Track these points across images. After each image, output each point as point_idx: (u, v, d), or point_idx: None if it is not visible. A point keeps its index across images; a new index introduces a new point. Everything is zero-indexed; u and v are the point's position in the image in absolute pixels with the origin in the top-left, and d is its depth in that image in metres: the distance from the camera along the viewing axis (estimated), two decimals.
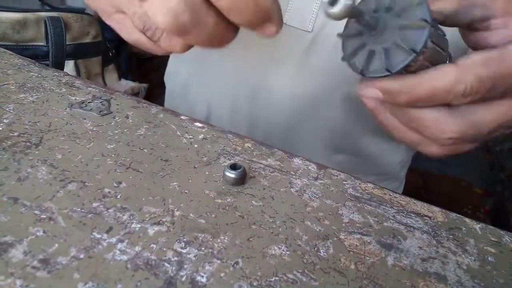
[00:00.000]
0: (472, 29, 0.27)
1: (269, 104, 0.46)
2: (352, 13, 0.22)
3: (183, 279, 0.21)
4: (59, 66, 0.71)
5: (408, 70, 0.24)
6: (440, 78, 0.24)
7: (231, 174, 0.28)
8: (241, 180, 0.29)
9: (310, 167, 0.33)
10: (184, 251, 0.22)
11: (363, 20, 0.23)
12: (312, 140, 0.49)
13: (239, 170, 0.28)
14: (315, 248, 0.24)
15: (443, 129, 0.26)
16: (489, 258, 0.26)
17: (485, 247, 0.27)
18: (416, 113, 0.26)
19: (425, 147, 0.28)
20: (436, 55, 0.24)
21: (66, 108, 0.34)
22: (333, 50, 0.41)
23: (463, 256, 0.26)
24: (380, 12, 0.24)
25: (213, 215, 0.25)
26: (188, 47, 0.26)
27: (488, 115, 0.26)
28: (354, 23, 0.25)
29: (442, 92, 0.24)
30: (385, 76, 0.24)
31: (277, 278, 0.22)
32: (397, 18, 0.23)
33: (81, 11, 0.79)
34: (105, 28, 0.95)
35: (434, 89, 0.24)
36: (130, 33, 0.28)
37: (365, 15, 0.23)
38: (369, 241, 0.26)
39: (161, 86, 0.62)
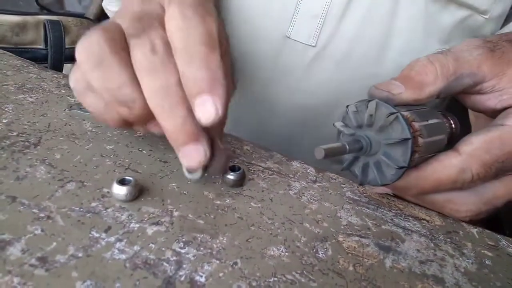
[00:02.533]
0: (467, 93, 0.28)
1: (271, 115, 0.46)
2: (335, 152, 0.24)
3: (182, 278, 0.21)
4: (58, 69, 0.71)
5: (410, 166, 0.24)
6: (444, 171, 0.24)
7: (230, 176, 0.28)
8: (240, 182, 0.29)
9: (308, 170, 0.33)
10: (183, 251, 0.22)
11: (351, 142, 0.25)
12: (312, 151, 0.49)
13: (238, 172, 0.28)
14: (314, 250, 0.24)
15: (457, 209, 0.26)
16: (486, 262, 0.26)
17: (482, 251, 0.27)
18: (428, 198, 0.27)
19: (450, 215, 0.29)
20: (432, 145, 0.25)
21: (65, 109, 0.34)
22: (335, 66, 0.41)
23: (460, 259, 0.26)
24: (363, 128, 0.25)
25: (212, 216, 0.25)
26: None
27: (501, 190, 0.26)
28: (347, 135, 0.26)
29: (448, 183, 0.25)
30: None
31: (275, 278, 0.22)
32: (381, 134, 0.24)
33: (80, 15, 0.80)
34: None
35: (439, 181, 0.25)
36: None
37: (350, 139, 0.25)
38: (367, 243, 0.26)
39: None
